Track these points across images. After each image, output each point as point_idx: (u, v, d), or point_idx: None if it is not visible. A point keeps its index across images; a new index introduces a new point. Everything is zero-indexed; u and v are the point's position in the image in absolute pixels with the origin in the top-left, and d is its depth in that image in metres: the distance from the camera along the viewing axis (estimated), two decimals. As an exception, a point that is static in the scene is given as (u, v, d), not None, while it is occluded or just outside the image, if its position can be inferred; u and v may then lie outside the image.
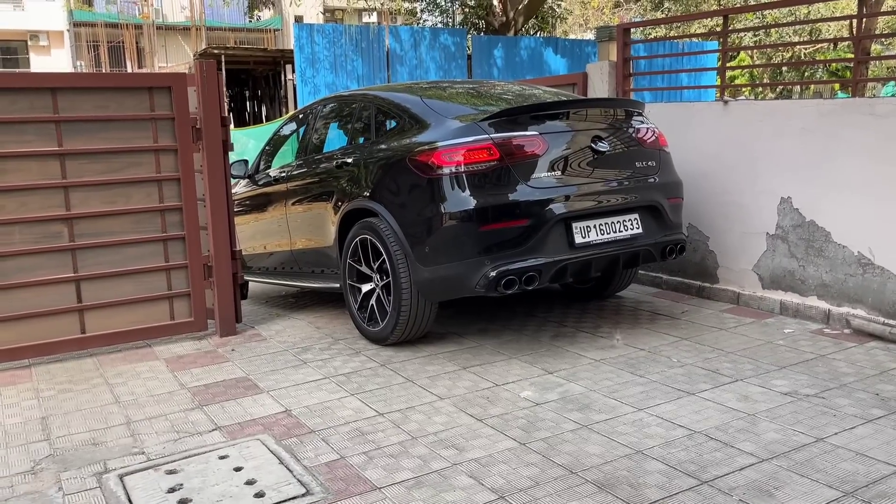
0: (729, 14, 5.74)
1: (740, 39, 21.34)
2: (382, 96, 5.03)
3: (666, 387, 3.75)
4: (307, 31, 12.43)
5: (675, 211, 4.72)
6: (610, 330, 4.76)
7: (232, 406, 3.72)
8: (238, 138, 11.99)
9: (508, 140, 4.14)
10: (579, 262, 4.26)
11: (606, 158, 4.43)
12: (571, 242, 4.23)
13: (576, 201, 4.26)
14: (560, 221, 4.19)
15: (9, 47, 30.69)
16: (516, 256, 4.09)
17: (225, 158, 4.88)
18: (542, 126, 4.30)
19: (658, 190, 4.60)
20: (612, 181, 4.44)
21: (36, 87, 4.39)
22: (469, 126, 4.21)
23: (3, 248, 4.33)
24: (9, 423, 3.61)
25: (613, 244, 4.37)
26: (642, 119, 4.78)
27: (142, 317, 4.75)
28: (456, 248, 4.14)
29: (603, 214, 4.36)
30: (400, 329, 4.48)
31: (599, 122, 4.54)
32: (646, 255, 4.56)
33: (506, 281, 4.05)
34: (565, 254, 4.20)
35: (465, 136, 4.15)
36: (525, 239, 4.10)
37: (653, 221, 4.56)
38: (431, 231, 4.21)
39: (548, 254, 4.15)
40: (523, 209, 4.11)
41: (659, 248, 4.57)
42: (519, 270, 4.07)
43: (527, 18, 16.30)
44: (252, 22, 29.98)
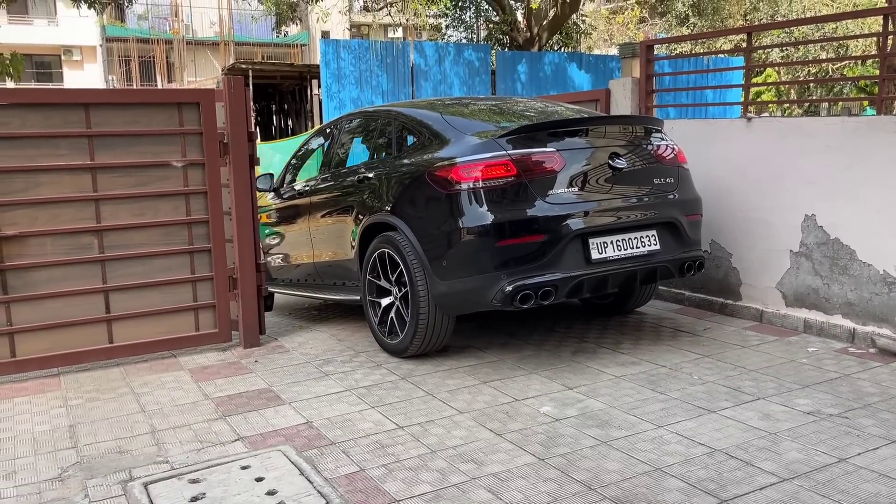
0: (753, 31, 5.74)
1: (766, 55, 21.21)
2: (404, 112, 5.10)
3: (687, 404, 3.73)
4: (333, 47, 12.59)
5: (693, 228, 4.71)
6: (631, 346, 4.75)
7: (254, 417, 3.77)
8: (264, 152, 12.14)
9: (525, 156, 4.19)
10: (596, 277, 4.26)
11: (624, 175, 4.45)
12: (588, 258, 4.25)
13: (592, 217, 4.29)
14: (577, 237, 4.22)
15: (43, 62, 31.42)
16: (533, 271, 4.13)
17: (251, 173, 4.97)
18: (560, 143, 4.34)
19: (676, 206, 4.61)
20: (630, 197, 4.46)
21: (70, 103, 4.51)
22: (487, 142, 4.26)
23: (36, 258, 4.44)
24: (38, 431, 3.69)
25: (630, 260, 4.39)
26: (661, 136, 4.81)
27: (168, 327, 4.84)
28: (473, 263, 4.20)
29: (620, 230, 4.37)
30: (418, 342, 4.53)
31: (617, 139, 4.57)
32: (664, 272, 4.57)
33: (522, 296, 4.09)
34: (582, 269, 4.22)
35: (483, 153, 4.20)
36: (541, 254, 4.14)
37: (671, 238, 4.57)
38: (449, 245, 4.27)
39: (564, 269, 4.18)
40: (540, 224, 4.14)
41: (677, 264, 4.58)
42: (535, 285, 4.10)
43: (551, 34, 16.36)
44: (279, 37, 30.42)
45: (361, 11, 28.90)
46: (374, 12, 17.07)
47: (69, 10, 22.54)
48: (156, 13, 29.58)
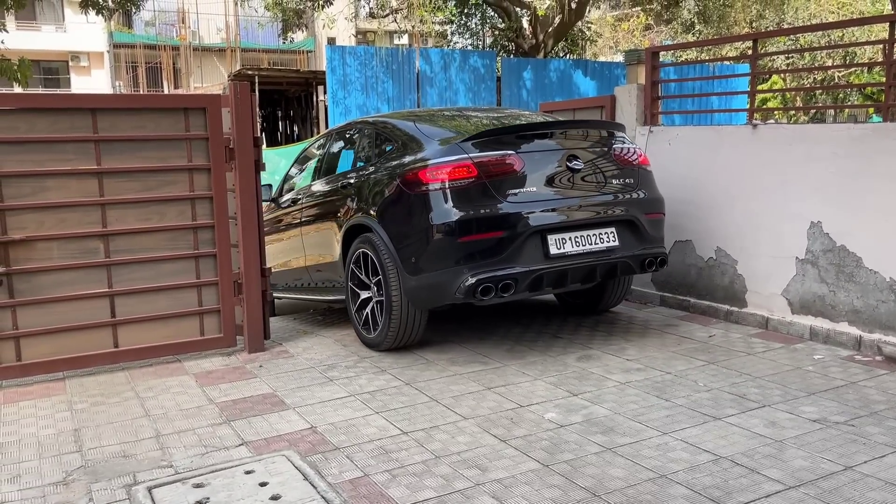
0: (759, 38, 5.74)
1: (772, 62, 21.21)
2: (383, 122, 5.44)
3: (692, 411, 3.72)
4: (339, 53, 12.63)
5: (654, 226, 4.93)
6: (636, 353, 4.74)
7: (259, 422, 3.78)
8: (270, 158, 12.18)
9: (485, 159, 4.49)
10: (555, 271, 4.52)
11: (582, 175, 4.72)
12: (547, 253, 4.50)
13: (550, 215, 4.54)
14: (535, 233, 4.47)
15: (50, 67, 31.58)
16: (494, 266, 4.39)
17: (256, 178, 4.98)
18: (520, 146, 4.64)
19: (635, 205, 4.83)
20: (588, 197, 4.71)
21: (77, 108, 4.53)
22: (451, 147, 4.58)
23: (42, 262, 4.46)
24: (43, 435, 3.70)
25: (589, 255, 4.62)
26: (623, 140, 5.05)
27: (173, 332, 4.85)
28: (438, 258, 4.47)
29: (578, 227, 4.62)
30: (392, 335, 4.80)
31: (576, 143, 4.84)
32: (624, 268, 4.80)
33: (483, 288, 4.36)
34: (541, 264, 4.48)
35: (447, 156, 4.52)
36: (501, 249, 4.40)
37: (630, 235, 4.79)
38: (417, 242, 4.55)
39: (524, 264, 4.44)
40: (499, 222, 4.42)
41: (638, 260, 4.81)
42: (495, 279, 4.37)
43: (556, 41, 16.39)
44: (285, 44, 30.54)
45: (367, 18, 29.01)
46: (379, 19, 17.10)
47: (77, 17, 22.68)
48: (163, 19, 29.72)
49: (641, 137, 6.12)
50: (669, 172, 5.91)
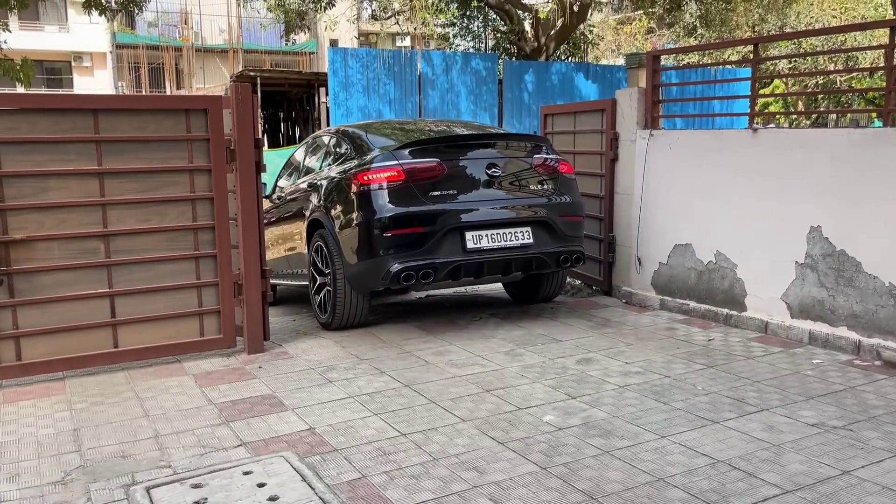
0: (760, 42, 5.74)
1: (774, 66, 21.20)
2: (343, 130, 6.22)
3: (690, 414, 3.72)
4: (341, 55, 12.65)
5: (570, 227, 5.57)
6: (635, 357, 4.74)
7: (257, 423, 3.78)
8: (271, 159, 12.18)
9: (412, 165, 5.16)
10: (471, 263, 5.21)
11: (500, 181, 5.38)
12: (464, 247, 5.18)
13: (468, 214, 5.22)
14: (454, 230, 5.15)
15: (53, 67, 31.61)
16: (416, 256, 5.08)
17: (257, 179, 4.99)
18: (445, 154, 5.31)
19: (551, 209, 5.48)
20: (505, 200, 5.37)
21: (79, 109, 4.55)
22: (385, 154, 5.27)
23: (43, 262, 4.46)
24: (42, 434, 3.70)
25: (504, 251, 5.29)
26: (546, 150, 5.71)
27: (172, 332, 4.85)
28: (369, 249, 5.16)
29: (494, 226, 5.27)
30: (338, 316, 5.53)
31: (498, 153, 5.50)
32: (538, 263, 5.46)
33: (405, 275, 5.05)
34: (458, 256, 5.16)
35: (380, 162, 5.21)
36: (423, 242, 5.10)
37: (545, 234, 5.43)
38: (354, 235, 5.25)
39: (442, 255, 5.13)
40: (421, 219, 5.10)
41: (553, 256, 5.45)
42: (416, 267, 5.06)
43: (558, 44, 16.39)
44: (288, 45, 30.56)
45: (369, 20, 29.04)
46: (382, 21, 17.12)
47: (80, 17, 22.73)
48: (166, 20, 29.76)
49: (642, 141, 6.13)
50: (670, 176, 5.92)
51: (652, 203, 6.09)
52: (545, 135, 7.43)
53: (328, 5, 14.19)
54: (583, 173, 6.85)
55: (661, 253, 6.04)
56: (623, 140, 6.35)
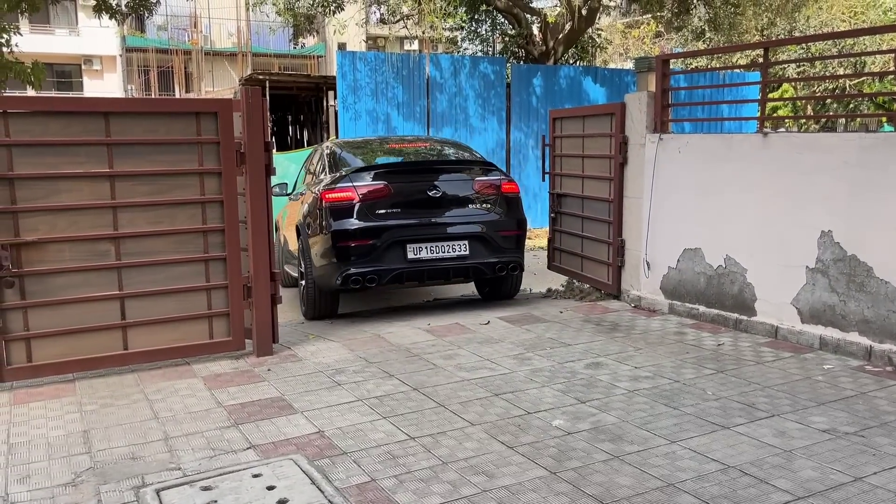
0: (770, 46, 5.72)
1: (783, 70, 21.13)
2: (330, 147, 7.09)
3: (700, 420, 3.71)
4: (350, 59, 12.67)
5: (507, 241, 6.37)
6: (645, 361, 4.73)
7: (266, 425, 3.78)
8: (280, 162, 12.19)
9: (363, 186, 6.05)
10: (411, 270, 6.07)
11: (440, 201, 6.17)
12: (405, 257, 6.03)
13: (409, 230, 6.04)
14: (397, 242, 6.01)
15: (63, 70, 31.76)
16: (363, 264, 5.96)
17: (267, 182, 5.00)
18: (391, 177, 6.17)
19: (488, 225, 6.28)
20: (444, 217, 6.18)
21: (90, 111, 4.57)
22: (344, 176, 6.16)
23: (54, 265, 4.48)
24: (52, 436, 3.72)
25: (441, 261, 6.13)
26: (487, 171, 6.53)
27: (182, 335, 4.86)
28: (327, 255, 6.07)
29: (433, 240, 6.10)
30: (309, 308, 6.48)
31: (441, 175, 6.29)
32: (476, 271, 6.32)
33: (353, 279, 5.94)
34: (400, 264, 6.03)
35: (339, 183, 6.11)
36: (369, 252, 5.97)
37: (482, 247, 6.25)
38: (317, 242, 6.19)
39: (386, 263, 6.00)
40: (368, 232, 5.97)
41: (490, 266, 6.28)
42: (363, 273, 5.95)
43: (567, 48, 16.38)
44: (296, 49, 30.65)
45: (378, 24, 29.10)
46: (390, 25, 17.15)
47: (90, 21, 22.85)
48: (175, 24, 29.88)
49: (651, 145, 6.11)
50: (679, 180, 5.91)
51: (661, 207, 6.08)
52: (553, 138, 7.44)
53: (337, 9, 14.22)
54: (591, 177, 6.85)
55: (671, 257, 6.03)
56: (632, 144, 6.34)
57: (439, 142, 8.03)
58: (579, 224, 7.12)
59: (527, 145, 13.91)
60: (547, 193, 7.77)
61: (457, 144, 7.85)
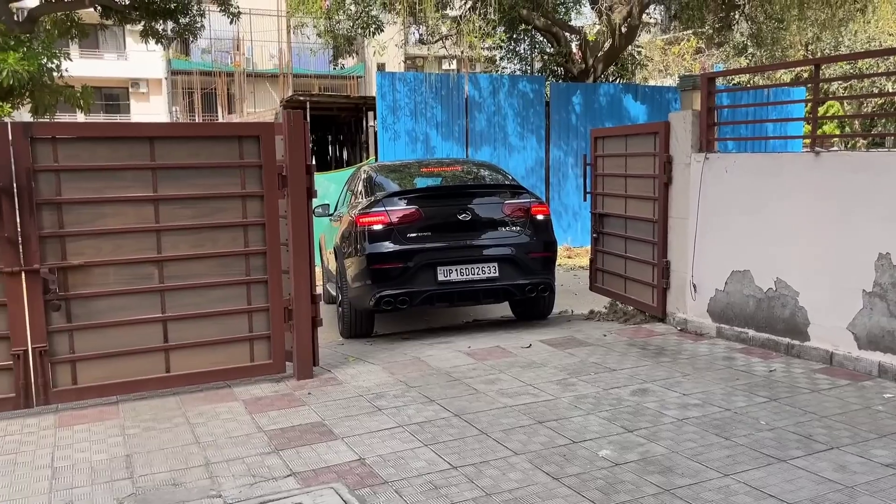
0: (820, 63, 5.56)
1: (830, 87, 20.68)
2: (367, 171, 7.27)
3: (754, 451, 3.56)
4: (389, 80, 12.75)
5: (537, 262, 6.42)
6: (693, 387, 4.58)
7: (307, 451, 3.74)
8: (320, 182, 12.24)
9: (395, 211, 6.21)
10: (442, 293, 6.19)
11: (470, 224, 6.29)
12: (436, 279, 6.14)
13: (439, 252, 6.15)
14: (427, 265, 6.12)
15: (111, 94, 32.61)
16: (395, 286, 6.07)
17: (308, 204, 5.00)
18: (422, 202, 6.32)
19: (517, 247, 6.34)
20: (474, 240, 6.29)
21: (136, 137, 4.63)
22: (378, 200, 6.32)
23: (99, 288, 4.53)
24: (95, 460, 3.73)
25: (471, 282, 6.23)
26: (517, 194, 6.59)
27: (223, 358, 4.87)
28: (360, 277, 6.21)
29: (463, 262, 6.20)
30: (346, 328, 6.64)
31: (471, 199, 6.42)
32: (506, 292, 6.41)
33: (385, 300, 6.06)
34: (431, 286, 6.14)
35: (373, 208, 6.26)
36: (401, 275, 6.09)
37: (511, 269, 6.31)
38: (352, 264, 6.34)
39: (417, 285, 6.11)
40: (400, 255, 6.09)
41: (520, 287, 6.33)
42: (394, 295, 6.06)
43: (606, 65, 16.25)
44: (336, 70, 31.02)
45: (417, 44, 29.34)
46: (429, 45, 17.27)
47: (138, 45, 23.38)
48: (219, 47, 30.47)
49: (697, 164, 5.98)
50: (726, 200, 5.76)
51: (707, 227, 5.93)
52: (595, 157, 7.34)
53: (376, 31, 14.33)
54: (634, 196, 6.73)
55: (718, 279, 5.86)
56: (677, 163, 6.21)
57: (474, 164, 8.16)
58: (622, 244, 6.99)
59: (566, 163, 13.80)
60: (587, 212, 7.66)
61: (491, 167, 7.97)
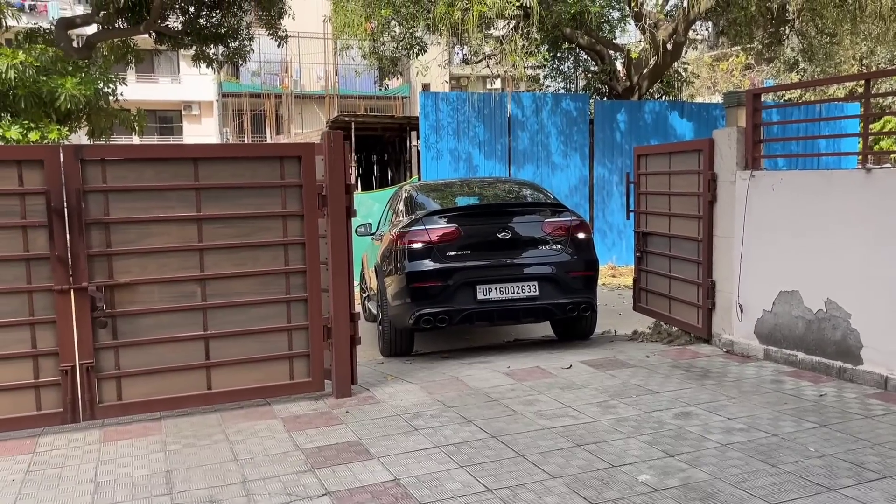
0: (870, 78, 5.40)
1: (883, 102, 20.08)
2: (408, 190, 7.33)
3: (802, 479, 3.43)
4: (432, 99, 12.84)
5: (578, 281, 6.34)
6: (738, 411, 4.44)
7: (342, 471, 3.74)
8: (364, 201, 12.43)
9: (435, 229, 6.21)
10: (481, 311, 6.15)
11: (510, 242, 6.26)
12: (475, 298, 6.11)
13: (479, 271, 6.13)
14: (467, 284, 6.09)
15: (165, 116, 33.63)
16: (434, 304, 6.06)
17: (348, 224, 5.05)
18: (462, 220, 6.32)
19: (558, 266, 6.28)
20: (513, 258, 6.26)
21: (181, 158, 4.74)
22: (417, 219, 6.31)
23: (144, 305, 4.63)
24: (137, 475, 3.79)
25: (511, 301, 6.17)
26: (558, 212, 6.55)
27: (263, 375, 4.92)
28: (400, 296, 6.22)
29: (503, 280, 6.14)
30: (386, 346, 6.65)
31: (511, 218, 6.38)
32: (545, 312, 6.32)
33: (425, 319, 6.04)
34: (470, 305, 6.11)
35: (413, 226, 6.26)
36: (441, 293, 6.07)
37: (552, 288, 6.24)
38: (392, 283, 6.35)
39: (456, 304, 6.09)
40: (440, 274, 6.09)
41: (561, 307, 6.26)
42: (434, 314, 6.05)
43: (651, 82, 16.09)
44: (382, 90, 31.42)
45: (461, 64, 29.55)
46: (472, 65, 17.37)
47: (190, 69, 24.08)
48: (268, 69, 31.18)
49: (742, 182, 5.85)
50: (773, 218, 5.61)
51: (754, 247, 5.78)
52: (638, 175, 7.24)
53: (420, 51, 14.48)
54: (679, 215, 6.61)
55: (765, 300, 5.70)
56: (721, 181, 6.08)
57: (515, 183, 8.11)
58: (666, 264, 6.86)
59: (611, 181, 13.67)
60: (631, 231, 7.56)
61: (532, 185, 7.93)
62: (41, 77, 10.21)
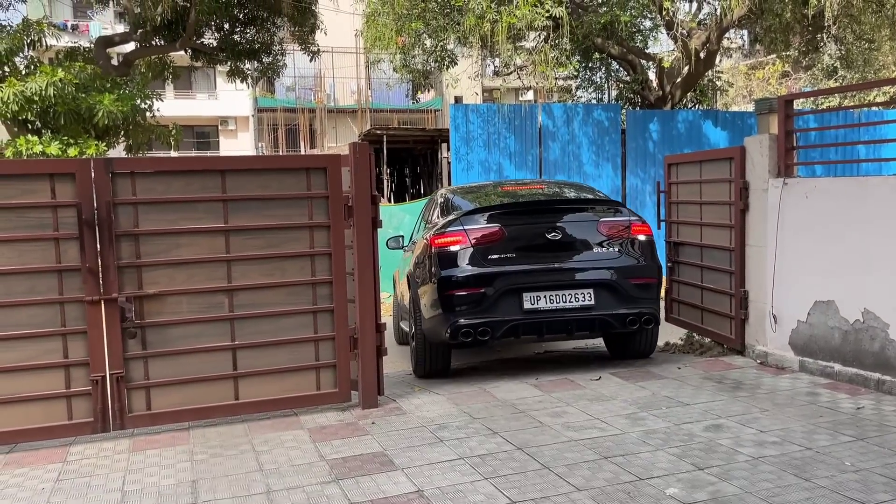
0: (908, 81, 5.27)
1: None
2: (443, 193, 6.79)
3: (837, 494, 3.32)
4: (462, 111, 12.86)
5: (639, 289, 5.63)
6: (770, 424, 4.33)
7: (366, 482, 3.72)
8: (395, 213, 12.50)
9: (475, 230, 5.56)
10: (528, 323, 5.46)
11: (561, 244, 5.58)
12: (521, 307, 5.42)
13: (525, 276, 5.46)
14: (511, 291, 5.40)
15: (203, 131, 34.31)
16: (475, 315, 5.39)
17: (374, 234, 5.06)
18: (505, 220, 5.63)
19: (617, 271, 5.58)
20: (565, 262, 5.58)
21: (208, 170, 4.81)
22: (454, 220, 5.67)
23: (172, 316, 4.69)
24: (163, 484, 3.82)
25: (562, 311, 5.45)
26: (615, 211, 5.88)
27: (290, 386, 4.93)
28: (435, 305, 5.55)
29: (553, 287, 5.45)
30: (419, 364, 5.98)
31: (560, 216, 5.69)
32: (602, 323, 5.60)
33: (464, 331, 5.37)
34: (516, 316, 5.42)
35: (450, 227, 5.62)
36: (481, 302, 5.41)
37: (609, 296, 5.54)
38: (427, 291, 5.70)
39: (500, 314, 5.40)
40: (481, 280, 5.42)
41: (620, 318, 5.54)
42: (474, 325, 5.37)
43: (684, 92, 15.92)
44: (414, 103, 31.62)
45: (492, 76, 29.59)
46: (503, 76, 17.38)
47: (227, 85, 24.54)
48: (302, 84, 31.61)
49: (775, 190, 5.73)
50: (807, 227, 5.49)
51: (787, 256, 5.65)
52: (669, 184, 7.15)
53: (451, 64, 14.54)
54: (710, 224, 6.50)
55: (800, 310, 5.56)
56: (754, 189, 5.97)
57: (559, 184, 7.45)
58: (698, 274, 6.74)
59: (644, 191, 13.52)
60: (663, 241, 7.45)
61: (578, 186, 7.20)
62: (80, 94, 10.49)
